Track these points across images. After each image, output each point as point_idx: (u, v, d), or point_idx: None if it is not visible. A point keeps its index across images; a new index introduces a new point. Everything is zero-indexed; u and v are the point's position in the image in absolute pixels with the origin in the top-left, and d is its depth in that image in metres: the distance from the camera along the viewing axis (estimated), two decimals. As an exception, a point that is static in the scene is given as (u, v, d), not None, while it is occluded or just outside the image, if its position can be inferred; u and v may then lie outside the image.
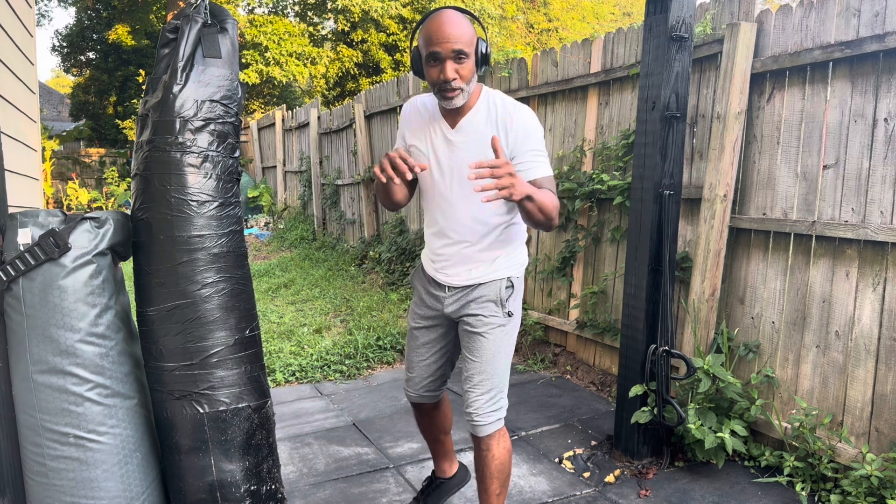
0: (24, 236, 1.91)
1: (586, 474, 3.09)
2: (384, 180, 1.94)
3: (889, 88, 2.71)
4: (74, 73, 22.37)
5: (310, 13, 18.22)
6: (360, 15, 16.12)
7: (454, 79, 1.99)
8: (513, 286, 2.21)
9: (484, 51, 2.04)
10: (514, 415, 3.76)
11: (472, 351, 2.21)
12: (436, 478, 2.74)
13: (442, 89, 2.02)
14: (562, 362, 4.55)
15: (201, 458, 2.03)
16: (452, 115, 2.14)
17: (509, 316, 2.20)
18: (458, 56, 1.98)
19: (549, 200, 1.97)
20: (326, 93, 17.66)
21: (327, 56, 16.77)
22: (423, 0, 16.52)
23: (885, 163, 2.72)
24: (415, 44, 2.11)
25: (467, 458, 3.17)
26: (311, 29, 17.51)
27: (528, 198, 1.88)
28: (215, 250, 2.05)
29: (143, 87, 2.15)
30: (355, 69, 17.46)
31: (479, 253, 2.20)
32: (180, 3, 15.32)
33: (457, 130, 2.13)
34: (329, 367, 4.60)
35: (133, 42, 19.84)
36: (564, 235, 4.52)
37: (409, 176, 1.91)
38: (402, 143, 2.30)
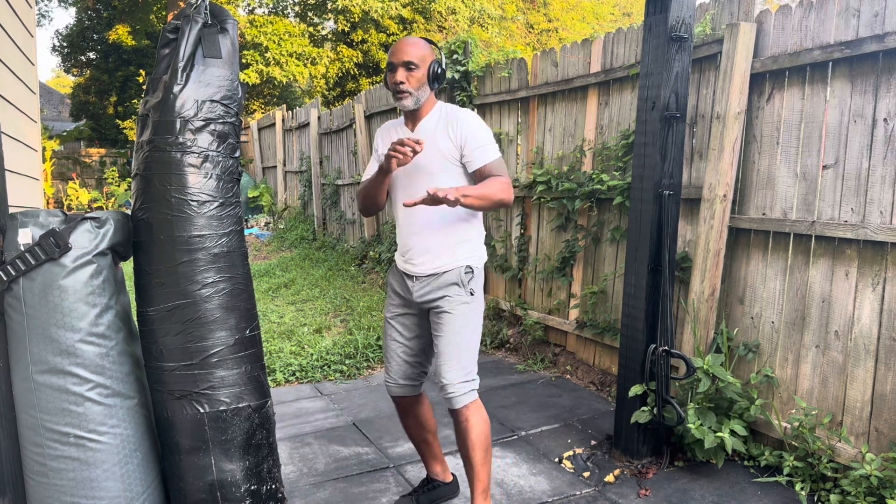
0: (25, 236, 1.92)
1: (586, 474, 3.09)
2: (407, 159, 2.24)
3: (888, 88, 2.71)
4: (75, 73, 22.36)
5: (310, 13, 18.21)
6: (360, 15, 16.11)
7: (402, 82, 2.41)
8: (472, 271, 2.48)
9: (436, 70, 2.46)
10: (515, 414, 3.77)
11: (440, 328, 2.46)
12: (431, 479, 2.84)
13: (394, 91, 2.45)
14: (562, 362, 4.55)
15: (201, 457, 2.04)
16: (412, 122, 2.53)
17: (471, 294, 2.47)
18: (408, 66, 2.42)
19: (487, 189, 2.33)
20: (326, 93, 17.66)
21: (327, 56, 16.77)
22: (423, 1, 16.53)
23: (884, 163, 2.72)
24: None
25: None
26: (311, 29, 17.51)
27: (464, 195, 2.23)
28: (215, 250, 2.05)
29: (144, 87, 2.15)
30: (355, 69, 17.46)
31: (441, 240, 2.47)
32: (180, 3, 15.32)
33: (415, 133, 2.50)
34: (329, 366, 4.60)
35: (133, 42, 19.84)
36: (564, 235, 4.53)
37: (420, 148, 2.23)
38: (376, 155, 2.64)
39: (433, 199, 2.19)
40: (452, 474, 2.89)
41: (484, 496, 2.47)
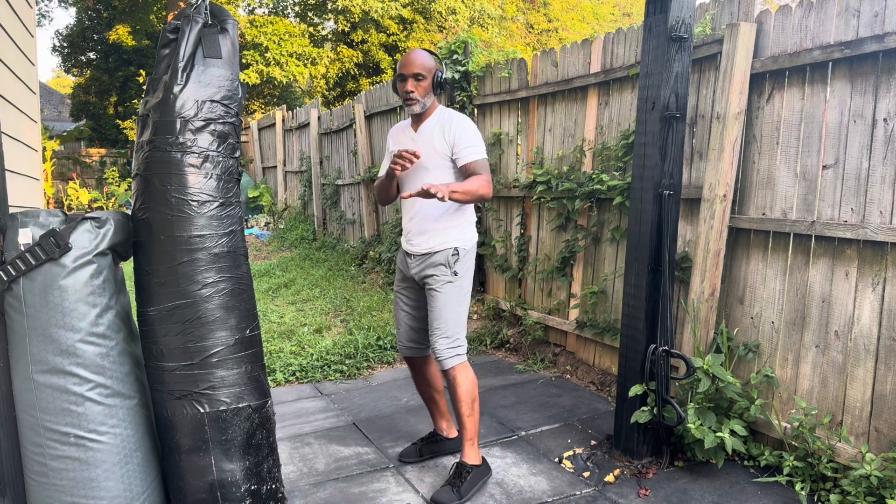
0: (25, 236, 1.92)
1: (586, 474, 3.09)
2: (407, 167, 2.66)
3: (888, 88, 2.71)
4: (75, 73, 22.36)
5: (310, 14, 18.22)
6: (360, 15, 16.12)
7: (412, 91, 2.84)
8: (458, 254, 2.88)
9: (439, 79, 2.89)
10: (515, 414, 3.77)
11: (430, 305, 2.91)
12: (434, 433, 3.27)
13: (404, 98, 2.88)
14: (562, 362, 4.55)
15: (202, 457, 2.04)
16: (416, 123, 2.96)
17: (455, 275, 2.87)
18: (417, 76, 2.84)
19: (470, 185, 2.74)
20: (326, 93, 17.66)
21: (327, 56, 16.77)
22: (423, 1, 16.52)
23: (884, 163, 2.72)
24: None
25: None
26: (311, 29, 17.51)
27: (452, 192, 2.64)
28: (216, 250, 2.05)
29: (144, 87, 2.16)
30: (355, 69, 17.46)
31: (434, 224, 2.89)
32: (181, 3, 15.32)
33: (418, 133, 2.94)
34: (329, 366, 4.60)
35: (134, 42, 19.84)
36: (564, 235, 4.53)
37: (416, 159, 2.65)
38: (388, 153, 3.10)
39: (426, 194, 2.55)
40: (458, 430, 3.16)
41: (470, 443, 2.93)
